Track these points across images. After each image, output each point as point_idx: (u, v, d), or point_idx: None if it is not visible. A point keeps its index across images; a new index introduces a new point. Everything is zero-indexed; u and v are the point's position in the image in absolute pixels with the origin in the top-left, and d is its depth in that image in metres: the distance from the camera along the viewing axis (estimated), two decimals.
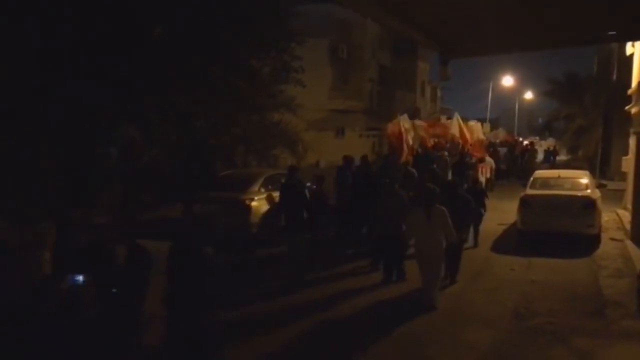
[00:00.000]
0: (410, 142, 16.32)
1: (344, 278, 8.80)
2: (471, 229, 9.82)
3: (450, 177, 12.72)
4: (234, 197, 10.63)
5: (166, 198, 12.03)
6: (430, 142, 18.16)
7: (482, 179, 15.92)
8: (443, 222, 7.23)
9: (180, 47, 12.52)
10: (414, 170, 12.12)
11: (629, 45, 14.30)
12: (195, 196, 10.92)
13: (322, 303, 7.53)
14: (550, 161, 29.85)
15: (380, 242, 8.77)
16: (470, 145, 18.39)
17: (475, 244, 10.65)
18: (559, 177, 12.29)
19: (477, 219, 10.37)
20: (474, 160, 16.78)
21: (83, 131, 10.24)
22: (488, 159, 18.36)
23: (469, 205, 8.51)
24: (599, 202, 11.13)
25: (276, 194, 10.58)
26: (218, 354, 5.24)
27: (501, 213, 13.42)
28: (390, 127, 16.31)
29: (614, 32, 9.63)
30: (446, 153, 16.27)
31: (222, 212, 9.96)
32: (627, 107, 13.67)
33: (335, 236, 11.26)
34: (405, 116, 17.34)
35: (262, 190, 11.19)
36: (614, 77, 24.18)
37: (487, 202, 11.24)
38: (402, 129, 16.00)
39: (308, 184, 10.75)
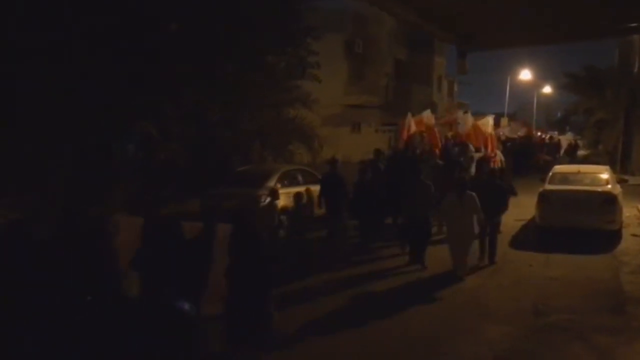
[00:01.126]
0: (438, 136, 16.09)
1: (371, 263, 9.34)
2: None
3: (473, 170, 13.05)
4: (249, 193, 10.68)
5: (183, 193, 12.11)
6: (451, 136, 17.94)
7: None
8: (474, 206, 8.42)
9: (196, 43, 12.56)
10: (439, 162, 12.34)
11: None
12: (212, 191, 11.00)
13: (343, 286, 8.02)
14: (572, 156, 29.40)
15: (408, 228, 9.42)
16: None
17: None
18: (578, 172, 12.11)
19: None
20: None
21: (98, 127, 10.35)
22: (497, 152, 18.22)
23: (502, 194, 9.47)
24: (620, 198, 10.96)
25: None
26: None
27: (519, 208, 13.22)
28: (413, 122, 15.89)
29: (635, 24, 9.44)
30: (471, 148, 16.21)
31: (238, 207, 9.99)
32: None
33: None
34: (429, 112, 17.07)
35: (278, 185, 11.21)
36: (635, 70, 23.74)
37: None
38: (432, 123, 15.72)
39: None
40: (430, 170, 11.05)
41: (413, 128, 14.76)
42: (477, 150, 16.06)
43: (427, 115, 15.85)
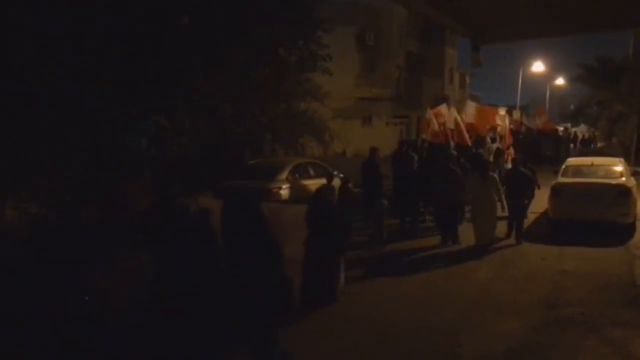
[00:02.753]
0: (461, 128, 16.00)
1: (397, 245, 10.06)
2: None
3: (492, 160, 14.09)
4: (261, 186, 10.74)
5: (195, 187, 12.16)
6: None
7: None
8: (495, 185, 9.58)
9: (208, 36, 12.58)
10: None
11: None
12: (224, 185, 11.06)
13: (370, 270, 8.48)
14: (587, 148, 29.10)
15: (440, 211, 10.39)
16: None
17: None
18: (592, 164, 12.00)
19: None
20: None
21: (113, 121, 10.41)
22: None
23: (529, 180, 10.48)
24: (634, 190, 10.87)
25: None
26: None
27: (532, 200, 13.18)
28: (434, 117, 15.73)
29: None
30: (489, 140, 16.19)
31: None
32: None
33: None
34: (445, 105, 16.89)
35: (290, 178, 11.28)
36: None
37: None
38: (456, 117, 15.63)
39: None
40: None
41: (436, 125, 14.73)
42: (483, 138, 16.09)
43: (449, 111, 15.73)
